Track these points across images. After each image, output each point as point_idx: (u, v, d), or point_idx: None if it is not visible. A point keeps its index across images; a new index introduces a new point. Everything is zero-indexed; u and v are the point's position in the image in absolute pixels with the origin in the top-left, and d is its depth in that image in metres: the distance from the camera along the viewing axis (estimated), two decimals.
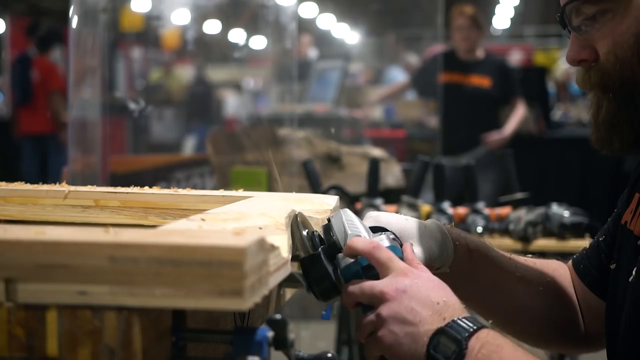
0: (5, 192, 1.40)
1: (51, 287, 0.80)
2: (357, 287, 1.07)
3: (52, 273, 0.80)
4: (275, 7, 5.39)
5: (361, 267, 1.08)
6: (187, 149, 6.44)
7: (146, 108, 5.31)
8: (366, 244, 1.08)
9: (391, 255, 1.07)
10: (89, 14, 4.49)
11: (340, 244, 1.10)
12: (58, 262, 0.80)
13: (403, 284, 1.03)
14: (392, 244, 1.10)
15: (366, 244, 1.08)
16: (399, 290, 1.03)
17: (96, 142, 4.79)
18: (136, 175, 5.24)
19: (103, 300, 0.80)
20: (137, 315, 0.82)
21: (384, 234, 1.12)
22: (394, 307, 1.02)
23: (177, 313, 0.93)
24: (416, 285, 1.03)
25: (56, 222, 1.37)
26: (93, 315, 0.81)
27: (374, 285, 1.05)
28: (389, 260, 1.06)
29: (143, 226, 1.35)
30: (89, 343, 0.80)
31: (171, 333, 0.93)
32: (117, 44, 5.99)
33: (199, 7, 6.07)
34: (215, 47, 6.40)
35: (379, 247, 1.07)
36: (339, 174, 4.39)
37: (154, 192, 1.40)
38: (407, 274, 1.04)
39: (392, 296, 1.03)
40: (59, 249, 0.80)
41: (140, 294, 0.80)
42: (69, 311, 0.81)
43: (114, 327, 0.81)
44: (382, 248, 1.08)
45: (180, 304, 0.81)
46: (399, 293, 1.03)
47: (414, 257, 1.10)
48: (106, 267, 0.80)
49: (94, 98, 4.56)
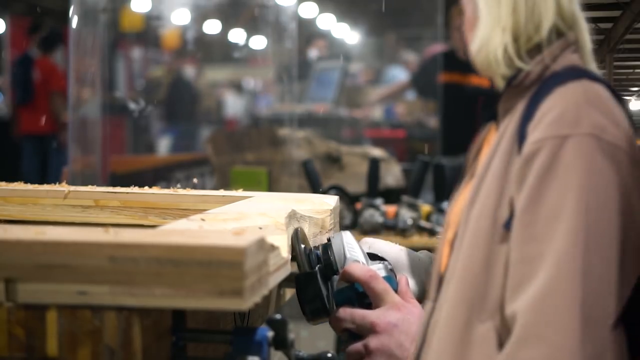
0: (5, 192, 1.40)
1: (51, 287, 0.80)
2: (348, 314, 1.10)
3: (52, 273, 0.80)
4: (275, 7, 5.39)
5: (355, 294, 1.10)
6: (162, 150, 6.41)
7: (146, 108, 5.31)
8: (364, 272, 1.10)
9: (387, 287, 1.09)
10: (89, 14, 4.50)
11: (337, 266, 1.12)
12: (58, 262, 0.80)
13: (395, 318, 1.07)
14: (388, 275, 1.12)
15: (364, 271, 1.10)
16: (390, 324, 1.07)
17: (96, 142, 4.80)
18: (136, 175, 5.24)
19: (103, 300, 0.80)
20: (137, 315, 0.82)
21: (382, 264, 1.14)
22: (384, 340, 1.06)
23: (177, 313, 0.93)
24: (408, 320, 1.07)
25: (56, 222, 1.37)
26: (93, 315, 0.81)
27: (365, 315, 1.08)
28: (384, 292, 1.09)
29: (143, 226, 1.35)
30: (89, 343, 0.80)
31: (171, 333, 0.93)
32: (117, 44, 5.98)
33: (199, 7, 6.07)
34: (215, 47, 6.41)
35: (375, 277, 1.09)
36: (339, 174, 4.39)
37: (154, 192, 1.40)
38: (400, 309, 1.08)
39: (383, 329, 1.06)
40: (59, 249, 0.80)
41: (140, 294, 0.80)
42: (69, 311, 0.81)
43: (114, 327, 0.81)
44: (378, 278, 1.10)
45: (180, 304, 0.81)
46: (390, 327, 1.06)
47: (407, 291, 1.13)
48: (106, 267, 0.80)
49: (94, 98, 4.57)
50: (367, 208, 2.89)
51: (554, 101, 0.92)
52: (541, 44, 0.98)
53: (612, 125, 0.90)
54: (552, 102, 0.92)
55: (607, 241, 0.86)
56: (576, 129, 0.89)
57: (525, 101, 0.97)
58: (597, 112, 0.90)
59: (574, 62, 0.99)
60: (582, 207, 0.86)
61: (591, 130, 0.89)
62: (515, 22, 0.98)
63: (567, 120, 0.90)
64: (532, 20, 0.98)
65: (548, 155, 0.89)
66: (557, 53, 0.98)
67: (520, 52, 0.98)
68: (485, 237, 0.93)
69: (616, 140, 0.89)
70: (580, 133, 0.89)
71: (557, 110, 0.91)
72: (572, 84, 0.93)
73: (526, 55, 0.98)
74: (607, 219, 0.87)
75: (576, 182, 0.87)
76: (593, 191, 0.87)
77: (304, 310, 1.11)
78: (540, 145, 0.89)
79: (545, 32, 0.98)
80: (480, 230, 0.93)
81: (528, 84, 0.98)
